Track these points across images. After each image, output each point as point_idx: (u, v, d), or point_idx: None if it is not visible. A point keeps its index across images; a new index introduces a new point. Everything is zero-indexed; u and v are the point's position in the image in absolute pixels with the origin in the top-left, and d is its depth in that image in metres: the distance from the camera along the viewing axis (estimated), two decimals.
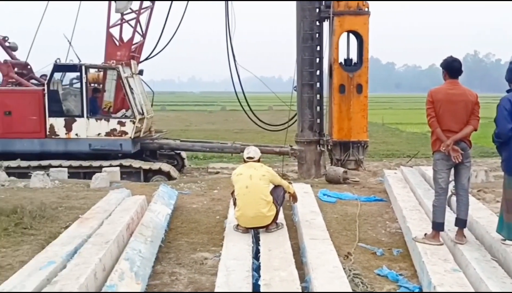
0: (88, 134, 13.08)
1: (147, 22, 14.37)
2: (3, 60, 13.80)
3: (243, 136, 22.53)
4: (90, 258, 4.93)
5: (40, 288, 4.30)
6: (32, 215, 7.18)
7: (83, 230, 6.11)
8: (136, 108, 13.29)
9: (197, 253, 6.02)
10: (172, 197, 8.27)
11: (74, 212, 7.68)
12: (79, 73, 13.07)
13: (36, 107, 12.93)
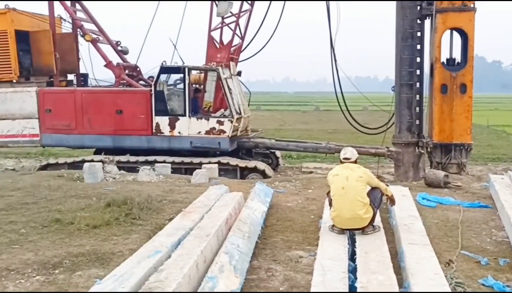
0: (189, 133, 13.71)
1: (246, 24, 14.75)
2: (116, 63, 14.86)
3: (337, 137, 22.34)
4: (193, 249, 5.20)
5: (148, 275, 4.61)
6: (140, 207, 7.72)
7: (186, 222, 6.45)
8: (234, 108, 13.70)
9: (292, 251, 6.12)
10: (268, 195, 8.46)
11: (177, 205, 8.14)
12: (182, 74, 13.73)
13: (144, 106, 13.79)
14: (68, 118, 14.05)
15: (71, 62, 15.28)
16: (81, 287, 5.01)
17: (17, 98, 14.11)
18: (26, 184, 10.05)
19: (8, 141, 14.47)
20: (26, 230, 6.87)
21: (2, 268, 5.49)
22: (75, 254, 5.90)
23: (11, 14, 13.88)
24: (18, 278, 5.29)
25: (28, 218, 7.44)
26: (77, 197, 8.81)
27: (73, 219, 7.26)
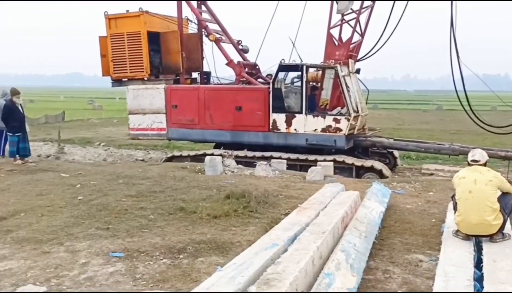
0: (305, 130, 13.79)
1: (367, 21, 14.46)
2: (237, 61, 15.39)
3: (461, 138, 21.04)
4: (309, 245, 5.24)
5: (265, 267, 4.73)
6: (257, 200, 7.94)
7: (302, 218, 6.51)
8: (351, 106, 13.51)
9: (411, 254, 5.92)
10: (385, 195, 8.24)
11: (292, 201, 8.25)
12: (300, 72, 13.83)
13: (262, 104, 14.14)
14: (192, 114, 14.86)
15: (196, 61, 16.12)
16: (203, 272, 5.29)
17: (148, 95, 15.20)
18: (154, 174, 10.79)
19: (139, 134, 15.65)
20: (154, 216, 7.40)
21: (134, 250, 5.98)
22: (198, 241, 6.23)
23: (144, 17, 14.98)
24: (147, 259, 5.72)
25: (156, 205, 8.00)
26: (199, 187, 9.29)
27: (196, 208, 7.68)
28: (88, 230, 6.70)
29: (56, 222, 7.08)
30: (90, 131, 26.22)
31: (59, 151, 17.98)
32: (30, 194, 8.84)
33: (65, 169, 11.68)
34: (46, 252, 5.85)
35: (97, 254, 5.80)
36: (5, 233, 6.59)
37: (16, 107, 12.41)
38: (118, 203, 8.09)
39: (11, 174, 10.87)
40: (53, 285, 4.88)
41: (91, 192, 9.03)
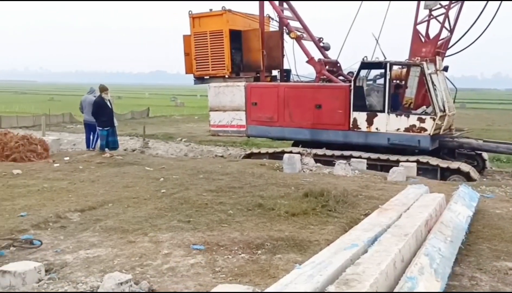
0: (387, 129, 13.41)
1: (456, 17, 13.81)
2: (317, 59, 15.27)
3: None
4: (390, 247, 5.07)
5: (345, 267, 4.64)
6: (336, 199, 7.82)
7: (383, 219, 6.32)
8: (437, 105, 12.96)
9: (501, 261, 5.57)
10: (473, 199, 7.82)
11: (372, 201, 8.05)
12: (383, 70, 13.46)
13: (342, 102, 13.92)
14: (271, 111, 14.93)
15: (276, 59, 16.17)
16: (281, 269, 5.29)
17: (228, 92, 15.47)
18: (233, 170, 10.96)
19: (219, 130, 15.98)
20: (233, 211, 7.51)
21: (213, 243, 6.10)
22: (275, 238, 6.25)
23: (227, 15, 15.25)
24: (226, 253, 5.82)
25: (235, 201, 8.12)
26: (277, 185, 9.32)
27: (274, 205, 7.70)
28: (170, 222, 6.93)
29: (141, 213, 7.39)
30: (172, 127, 27.18)
31: (144, 145, 18.80)
32: (117, 186, 9.29)
33: (149, 162, 12.17)
34: (131, 241, 6.12)
35: (178, 246, 5.98)
36: (94, 222, 6.97)
37: (105, 103, 13.12)
38: (198, 197, 8.30)
39: (100, 166, 11.49)
40: (137, 273, 5.08)
41: (173, 185, 9.34)
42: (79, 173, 10.56)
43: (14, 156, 11.98)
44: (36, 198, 8.19)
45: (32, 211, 7.34)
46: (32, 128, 22.61)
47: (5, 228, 6.45)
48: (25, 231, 6.43)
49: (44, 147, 12.85)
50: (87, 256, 5.60)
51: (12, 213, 7.25)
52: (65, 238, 6.30)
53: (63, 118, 29.64)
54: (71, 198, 8.23)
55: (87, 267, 5.24)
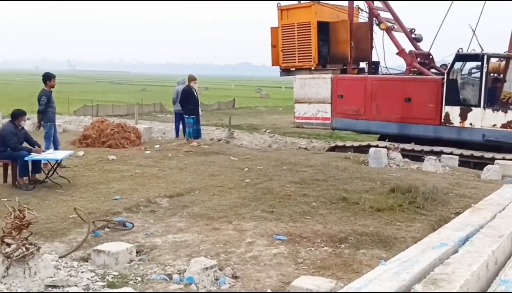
0: (482, 125, 12.65)
1: None
2: (408, 50, 14.71)
3: None
4: (483, 248, 4.79)
5: (432, 266, 4.44)
6: (425, 196, 7.53)
7: (475, 219, 5.97)
8: None
9: None
10: None
11: (464, 200, 7.66)
12: (480, 62, 12.71)
13: (434, 95, 13.31)
14: (357, 104, 14.62)
15: (364, 51, 15.78)
16: (365, 264, 5.20)
17: (314, 84, 15.34)
18: (317, 162, 10.89)
19: (303, 122, 15.92)
20: (316, 204, 7.48)
21: (296, 234, 6.11)
22: (360, 233, 6.14)
23: (315, 7, 15.10)
24: (309, 245, 5.81)
25: (318, 193, 8.08)
26: (362, 179, 9.13)
27: (358, 199, 7.57)
28: (254, 212, 7.03)
29: (226, 201, 7.57)
30: (257, 118, 27.45)
31: (229, 135, 19.13)
32: (204, 174, 9.57)
33: (234, 152, 12.41)
34: (216, 228, 6.29)
35: (262, 235, 6.06)
36: (182, 208, 7.24)
37: (192, 92, 13.57)
38: (282, 188, 8.35)
39: (188, 155, 11.89)
40: (222, 259, 5.21)
41: (257, 175, 9.46)
42: (168, 161, 11.00)
43: (109, 142, 12.71)
44: (129, 183, 8.65)
45: (125, 195, 7.77)
46: (126, 117, 23.80)
47: (101, 210, 6.88)
48: (118, 214, 6.82)
49: (137, 134, 13.53)
50: (175, 240, 5.83)
51: (107, 196, 7.72)
52: (155, 222, 6.60)
53: (154, 108, 30.88)
54: (160, 184, 8.60)
55: (174, 251, 5.46)
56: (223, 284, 4.62)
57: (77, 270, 4.78)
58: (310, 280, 4.42)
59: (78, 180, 8.89)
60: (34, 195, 7.75)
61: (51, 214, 6.62)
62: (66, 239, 5.81)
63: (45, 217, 6.29)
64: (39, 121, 10.31)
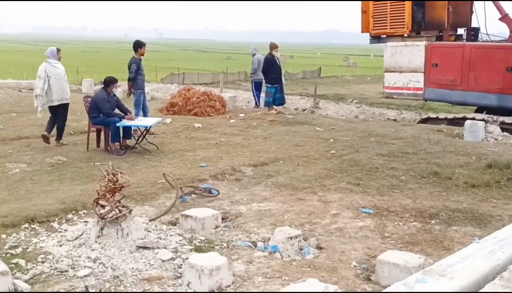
0: None
1: None
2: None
3: None
4: None
5: None
6: None
7: None
8: None
9: None
10: None
11: None
12: None
13: None
14: (453, 74, 13.72)
15: (463, 16, 14.74)
16: (456, 241, 4.94)
17: (406, 52, 14.59)
18: (407, 135, 10.44)
19: (393, 93, 15.27)
20: (405, 178, 7.18)
21: (383, 208, 5.91)
22: (452, 209, 5.83)
23: None
24: (397, 220, 5.60)
25: (407, 167, 7.74)
26: (456, 153, 8.64)
27: (451, 174, 7.17)
28: (339, 183, 6.88)
29: (310, 172, 7.47)
30: (343, 88, 26.86)
31: (314, 105, 18.88)
32: (288, 144, 9.51)
33: (319, 123, 12.21)
34: (301, 198, 6.23)
35: (347, 207, 5.92)
36: (266, 177, 7.25)
37: (274, 60, 13.41)
38: (369, 161, 8.10)
39: (272, 124, 11.86)
40: (306, 229, 5.16)
41: (343, 147, 9.25)
42: (253, 130, 11.04)
43: (195, 110, 12.99)
44: (214, 151, 8.80)
45: (211, 162, 7.91)
46: (211, 85, 24.20)
47: (188, 176, 7.05)
48: (204, 181, 6.96)
49: (222, 103, 13.69)
50: (259, 208, 5.85)
51: (193, 163, 7.90)
52: (240, 190, 6.67)
53: (238, 77, 31.12)
54: (245, 153, 8.66)
55: (259, 219, 5.48)
56: (307, 254, 4.57)
57: (166, 233, 4.94)
58: (398, 254, 4.26)
59: (165, 146, 9.18)
60: (125, 160, 8.08)
61: (141, 179, 6.88)
62: (155, 203, 6.01)
63: (135, 181, 6.55)
64: (129, 88, 10.54)
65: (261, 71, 13.81)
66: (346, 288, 3.89)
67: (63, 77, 9.25)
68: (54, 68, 9.11)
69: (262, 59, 14.17)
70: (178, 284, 3.90)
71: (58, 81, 9.09)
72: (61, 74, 9.18)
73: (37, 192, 6.29)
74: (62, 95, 9.18)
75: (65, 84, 9.34)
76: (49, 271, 4.11)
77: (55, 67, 9.13)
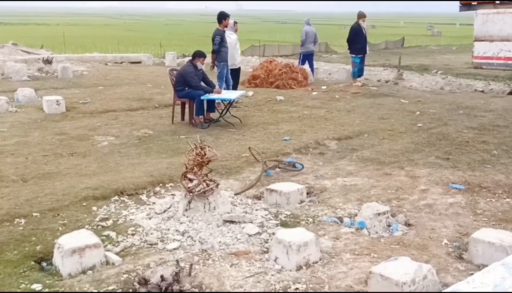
0: None
1: None
2: None
3: None
4: None
5: None
6: None
7: None
8: None
9: None
10: None
11: None
12: None
13: None
14: None
15: None
16: None
17: (498, 20, 13.68)
18: (498, 107, 9.88)
19: (482, 63, 14.45)
20: (497, 152, 6.82)
21: (475, 184, 5.65)
22: None
23: None
24: (489, 196, 5.34)
25: (499, 140, 7.35)
26: None
27: None
28: (427, 158, 6.64)
29: (396, 146, 7.26)
30: (427, 58, 25.56)
31: (398, 76, 18.15)
32: (373, 117, 9.28)
33: (404, 95, 11.80)
34: (387, 173, 6.08)
35: (436, 183, 5.71)
36: (351, 151, 7.13)
37: (361, 29, 13.01)
38: (458, 134, 7.75)
39: (355, 96, 11.62)
40: (393, 205, 5.04)
41: (430, 120, 8.90)
42: (336, 102, 10.87)
43: (277, 83, 12.96)
44: (297, 124, 8.77)
45: (294, 136, 7.89)
46: (291, 57, 23.97)
47: (271, 150, 7.08)
48: (288, 154, 6.97)
49: (304, 75, 13.56)
50: (345, 183, 5.77)
51: (276, 136, 7.92)
52: (324, 164, 6.61)
53: (319, 48, 30.51)
54: (328, 126, 8.56)
55: (344, 194, 5.41)
56: (395, 231, 4.47)
57: (251, 207, 4.99)
58: (493, 233, 4.06)
59: (248, 119, 9.25)
60: (209, 133, 8.20)
61: (225, 152, 6.98)
62: (240, 177, 6.08)
63: (220, 155, 6.65)
64: (212, 61, 10.53)
65: (347, 41, 13.40)
66: (438, 266, 3.76)
67: (234, 46, 10.63)
68: (228, 38, 10.40)
69: (310, 31, 13.93)
70: (265, 259, 3.89)
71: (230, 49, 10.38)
72: (232, 43, 10.52)
73: (125, 164, 6.44)
74: (231, 61, 10.56)
75: (234, 52, 10.63)
76: (139, 244, 4.17)
77: (229, 37, 10.45)
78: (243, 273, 3.68)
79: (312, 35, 14.30)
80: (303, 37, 14.36)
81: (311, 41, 14.32)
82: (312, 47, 14.41)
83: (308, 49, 14.30)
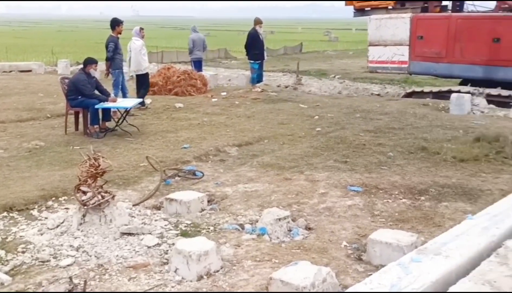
0: None
1: None
2: None
3: None
4: None
5: None
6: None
7: None
8: None
9: None
10: None
11: None
12: None
13: None
14: (438, 46, 13.55)
15: None
16: (447, 218, 4.87)
17: (391, 25, 14.36)
18: (393, 110, 10.35)
19: (377, 67, 15.10)
20: (393, 154, 7.08)
21: (372, 186, 5.79)
22: (441, 185, 5.75)
23: None
24: (386, 197, 5.50)
25: (395, 142, 7.65)
26: (442, 127, 8.57)
27: (439, 149, 7.09)
28: (326, 162, 6.75)
29: (296, 151, 7.32)
30: (325, 63, 26.57)
31: (297, 82, 18.64)
32: (272, 122, 9.33)
33: (303, 100, 12.05)
34: (288, 178, 6.08)
35: (335, 186, 5.79)
36: (251, 157, 7.08)
37: (258, 35, 13.14)
38: (355, 137, 7.98)
39: (255, 102, 11.65)
40: (294, 210, 5.02)
41: (328, 124, 9.12)
42: (236, 108, 10.83)
43: (176, 89, 12.67)
44: (197, 131, 8.59)
45: (194, 143, 7.70)
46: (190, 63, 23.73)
47: (171, 158, 6.85)
48: (188, 162, 6.77)
49: (203, 82, 13.38)
50: (246, 190, 5.68)
51: (176, 144, 7.69)
52: (225, 171, 6.49)
53: (218, 54, 30.52)
54: (228, 133, 8.47)
55: (245, 201, 5.32)
56: (296, 236, 4.45)
57: (150, 218, 4.79)
58: (390, 233, 4.15)
59: (147, 128, 8.94)
60: (105, 143, 7.82)
61: (123, 162, 6.66)
62: (138, 187, 5.82)
63: (117, 165, 6.32)
64: (107, 68, 10.24)
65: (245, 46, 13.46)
66: (338, 269, 3.78)
67: (139, 52, 10.66)
68: (133, 44, 10.65)
69: (197, 38, 14.05)
70: (165, 270, 3.78)
71: (134, 55, 10.60)
72: (137, 49, 10.62)
73: (14, 178, 6.05)
74: (136, 67, 10.73)
75: (139, 58, 10.68)
76: (30, 262, 3.96)
77: (134, 43, 10.67)
78: (141, 286, 3.55)
79: (200, 42, 14.27)
80: (190, 45, 14.35)
81: (199, 49, 14.26)
82: (200, 54, 14.36)
83: (197, 56, 14.24)
